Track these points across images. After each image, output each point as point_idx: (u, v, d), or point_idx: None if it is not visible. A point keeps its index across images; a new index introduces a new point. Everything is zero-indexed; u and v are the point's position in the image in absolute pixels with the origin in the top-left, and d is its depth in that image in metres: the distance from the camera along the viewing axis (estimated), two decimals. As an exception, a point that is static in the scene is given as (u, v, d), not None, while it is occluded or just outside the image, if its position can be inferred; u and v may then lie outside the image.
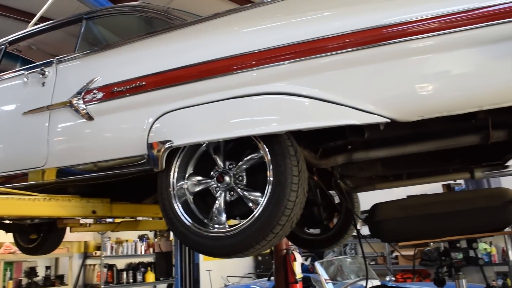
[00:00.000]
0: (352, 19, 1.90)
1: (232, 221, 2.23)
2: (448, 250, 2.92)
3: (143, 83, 2.32)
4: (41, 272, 8.42)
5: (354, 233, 3.51)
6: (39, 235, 4.38)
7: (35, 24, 3.67)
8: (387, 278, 6.45)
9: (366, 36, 1.84)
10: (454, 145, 2.23)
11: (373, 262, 8.91)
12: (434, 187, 3.63)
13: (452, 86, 1.77)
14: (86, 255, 9.31)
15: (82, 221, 4.14)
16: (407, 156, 2.36)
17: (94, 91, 2.52)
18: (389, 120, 1.84)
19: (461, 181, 7.54)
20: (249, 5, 2.23)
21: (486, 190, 4.40)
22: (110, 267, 9.23)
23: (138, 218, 4.42)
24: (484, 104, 1.76)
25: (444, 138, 2.24)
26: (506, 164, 2.60)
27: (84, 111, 2.54)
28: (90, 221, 4.24)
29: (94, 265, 9.29)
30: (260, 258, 10.90)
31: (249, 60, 2.05)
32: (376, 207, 2.74)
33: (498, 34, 1.70)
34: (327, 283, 5.83)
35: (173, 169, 2.27)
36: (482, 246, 7.81)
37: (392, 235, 2.80)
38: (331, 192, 3.26)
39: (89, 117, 2.53)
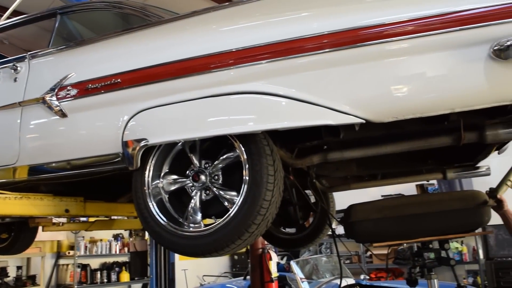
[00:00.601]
0: (329, 20, 1.92)
1: (208, 220, 2.22)
2: (420, 251, 2.97)
3: (119, 80, 2.29)
4: (12, 273, 8.23)
5: (329, 232, 3.53)
6: (10, 234, 4.29)
7: (8, 18, 3.58)
8: (362, 277, 6.52)
9: (343, 37, 1.85)
10: (427, 146, 2.27)
11: (348, 261, 9.01)
12: (408, 187, 3.69)
13: (425, 88, 1.80)
14: (59, 255, 9.14)
15: (55, 220, 4.07)
16: (382, 156, 2.39)
17: (68, 87, 2.47)
18: (364, 121, 1.86)
19: (434, 182, 7.69)
20: (227, 3, 2.23)
21: (459, 192, 4.47)
22: (84, 267, 9.09)
23: (112, 217, 4.36)
24: (456, 106, 1.80)
25: (417, 139, 2.28)
26: (477, 165, 2.67)
27: (58, 108, 2.49)
28: (63, 220, 4.17)
29: (67, 265, 9.13)
30: (236, 257, 10.90)
31: (226, 59, 2.04)
32: (351, 208, 2.75)
33: (471, 38, 1.74)
34: (302, 282, 5.87)
35: (148, 167, 2.24)
36: (454, 245, 7.98)
37: (367, 236, 2.82)
38: (306, 191, 3.28)
39: (63, 114, 2.48)
